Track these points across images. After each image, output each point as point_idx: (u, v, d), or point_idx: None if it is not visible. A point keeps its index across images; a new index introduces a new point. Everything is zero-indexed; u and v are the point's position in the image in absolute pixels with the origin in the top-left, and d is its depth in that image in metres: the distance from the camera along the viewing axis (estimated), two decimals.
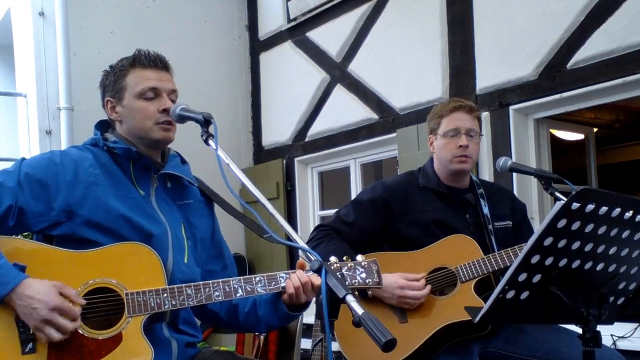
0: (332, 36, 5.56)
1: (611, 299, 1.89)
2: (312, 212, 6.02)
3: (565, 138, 5.67)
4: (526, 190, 4.20)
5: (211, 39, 6.31)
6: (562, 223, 1.65)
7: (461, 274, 2.67)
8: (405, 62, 4.89)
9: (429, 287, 2.64)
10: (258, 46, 6.47)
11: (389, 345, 1.51)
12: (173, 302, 1.95)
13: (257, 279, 2.01)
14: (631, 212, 1.70)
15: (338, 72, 5.50)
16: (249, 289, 2.00)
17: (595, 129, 5.86)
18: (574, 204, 1.62)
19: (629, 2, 3.63)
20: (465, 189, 2.91)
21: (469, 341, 2.62)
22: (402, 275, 2.62)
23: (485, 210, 2.84)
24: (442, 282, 2.71)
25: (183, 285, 1.99)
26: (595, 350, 1.81)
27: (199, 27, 6.22)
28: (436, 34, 4.66)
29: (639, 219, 1.73)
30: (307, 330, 3.77)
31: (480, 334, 2.59)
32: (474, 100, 4.36)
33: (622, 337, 3.80)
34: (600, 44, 3.77)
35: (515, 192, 4.06)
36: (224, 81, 6.35)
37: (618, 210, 1.68)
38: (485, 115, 4.35)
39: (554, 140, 4.89)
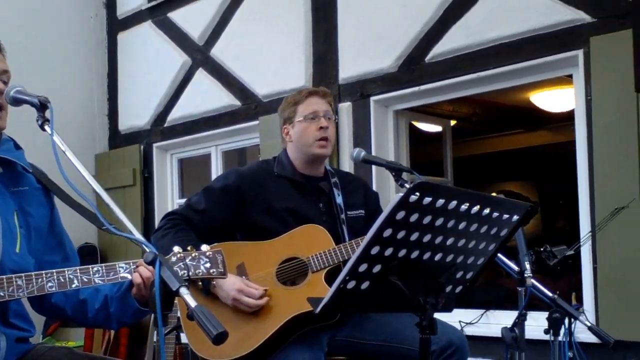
0: (194, 18, 5.40)
1: (449, 288, 1.93)
2: (170, 200, 5.88)
3: (426, 130, 5.83)
4: (384, 181, 4.28)
5: (65, 17, 5.95)
6: (400, 215, 1.66)
7: (312, 264, 2.67)
8: (268, 49, 4.84)
9: (266, 298, 2.62)
10: (116, 25, 6.19)
11: (219, 338, 1.51)
12: (1, 294, 1.83)
13: (95, 269, 1.91)
14: (467, 204, 1.74)
15: (200, 56, 5.37)
16: (85, 279, 1.90)
17: (453, 122, 6.08)
18: (412, 196, 1.63)
19: None
20: (320, 178, 2.92)
21: (318, 330, 2.62)
22: (243, 281, 2.61)
23: (339, 199, 2.86)
24: (293, 272, 2.69)
25: (13, 275, 1.86)
26: (431, 338, 1.85)
27: (51, 3, 5.85)
28: (300, 21, 4.63)
29: (474, 211, 1.76)
30: None
31: (328, 322, 2.59)
32: (337, 90, 4.39)
33: (470, 324, 4.00)
34: (457, 39, 3.89)
35: (374, 183, 4.14)
36: (78, 61, 6.03)
37: (454, 202, 1.71)
38: (347, 105, 4.39)
39: (416, 132, 5.02)
